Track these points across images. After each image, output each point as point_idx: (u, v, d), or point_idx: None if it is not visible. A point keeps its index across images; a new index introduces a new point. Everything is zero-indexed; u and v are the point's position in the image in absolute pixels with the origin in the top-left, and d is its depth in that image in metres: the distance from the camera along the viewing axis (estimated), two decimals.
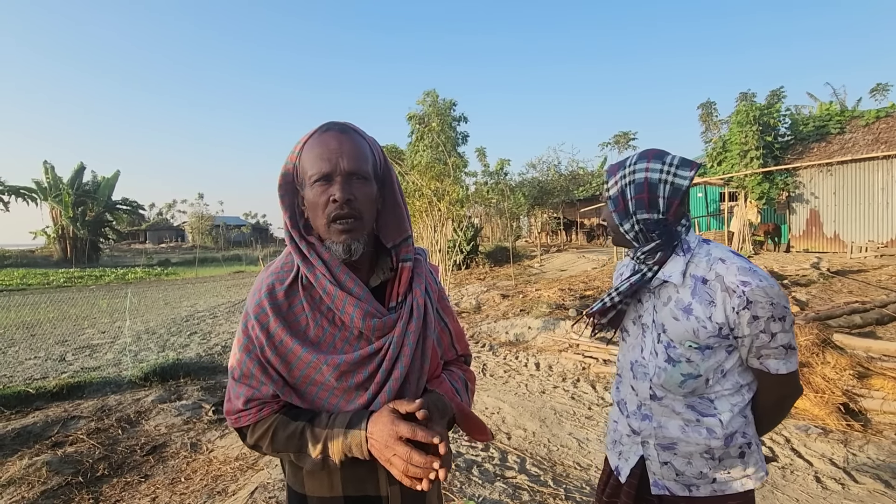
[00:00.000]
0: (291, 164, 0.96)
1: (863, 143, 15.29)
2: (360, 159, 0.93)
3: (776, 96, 17.98)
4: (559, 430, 3.80)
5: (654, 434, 1.23)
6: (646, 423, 1.24)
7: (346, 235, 0.92)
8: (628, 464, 1.29)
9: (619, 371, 1.38)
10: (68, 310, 10.36)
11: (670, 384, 1.19)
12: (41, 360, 6.59)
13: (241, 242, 54.79)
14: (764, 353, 1.12)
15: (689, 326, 1.15)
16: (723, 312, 1.11)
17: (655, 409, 1.23)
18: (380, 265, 1.03)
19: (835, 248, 15.17)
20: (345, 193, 0.90)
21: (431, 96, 22.23)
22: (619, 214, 1.24)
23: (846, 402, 3.66)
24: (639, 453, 1.26)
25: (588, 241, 25.89)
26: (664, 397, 1.22)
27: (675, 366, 1.18)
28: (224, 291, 14.79)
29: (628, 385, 1.30)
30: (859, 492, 2.75)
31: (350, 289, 0.94)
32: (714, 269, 1.15)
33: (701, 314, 1.13)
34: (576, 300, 8.43)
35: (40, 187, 31.00)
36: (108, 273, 22.47)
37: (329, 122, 0.96)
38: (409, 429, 0.84)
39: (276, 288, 0.96)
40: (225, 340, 7.70)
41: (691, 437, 1.18)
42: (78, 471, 3.35)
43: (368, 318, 0.92)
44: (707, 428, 1.18)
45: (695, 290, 1.15)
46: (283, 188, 0.96)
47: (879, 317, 5.97)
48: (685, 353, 1.16)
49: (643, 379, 1.25)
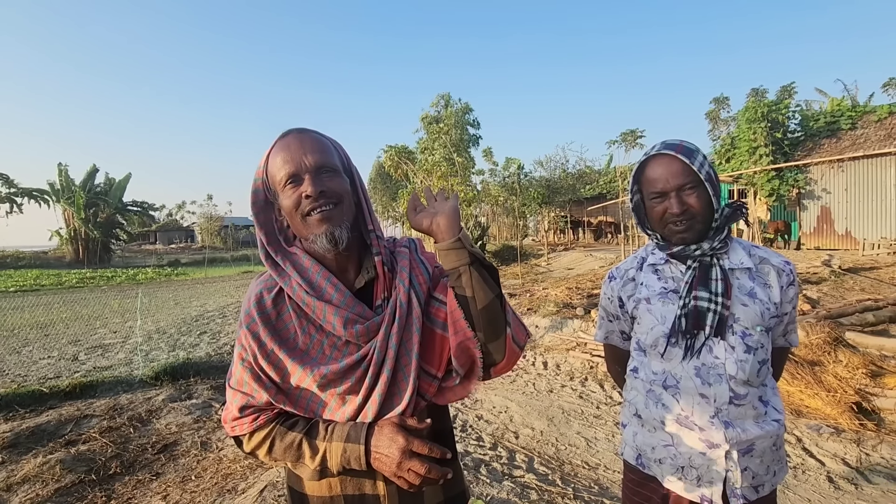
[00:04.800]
0: (260, 179, 0.96)
1: (875, 139, 15.06)
2: (324, 153, 0.94)
3: (787, 92, 17.80)
4: (567, 429, 3.79)
5: (737, 440, 1.12)
6: (730, 431, 1.12)
7: (327, 224, 0.91)
8: (715, 486, 1.13)
9: (663, 384, 1.21)
10: (80, 310, 10.50)
11: (752, 376, 1.14)
12: (54, 360, 6.68)
13: (249, 243, 55.05)
14: (790, 327, 1.24)
15: (757, 310, 1.16)
16: (778, 292, 1.17)
17: (734, 412, 1.13)
18: (365, 265, 1.01)
19: (846, 245, 14.98)
20: (316, 186, 0.90)
21: (445, 98, 22.34)
22: (716, 199, 1.16)
23: (859, 401, 3.61)
24: (723, 468, 1.12)
25: (595, 239, 25.76)
26: (746, 394, 1.14)
27: (755, 354, 1.15)
28: (233, 291, 14.89)
29: (692, 396, 1.15)
30: (873, 492, 2.71)
31: (330, 296, 0.93)
32: (756, 253, 1.21)
33: (763, 297, 1.17)
34: (583, 299, 8.39)
35: (53, 189, 31.45)
36: (120, 274, 22.72)
37: (286, 130, 0.96)
38: (423, 445, 0.85)
39: (264, 297, 0.96)
40: (234, 340, 7.75)
41: (766, 431, 1.15)
42: (91, 469, 3.39)
43: (350, 324, 0.91)
44: (773, 418, 1.17)
45: (752, 275, 1.18)
46: (256, 206, 0.96)
47: (893, 315, 5.88)
48: (760, 339, 1.16)
49: (719, 382, 1.13)
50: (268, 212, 0.97)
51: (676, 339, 1.17)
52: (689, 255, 1.17)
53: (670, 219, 1.15)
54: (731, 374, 1.13)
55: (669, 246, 1.21)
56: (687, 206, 1.13)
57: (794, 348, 1.19)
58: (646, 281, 1.27)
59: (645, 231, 1.27)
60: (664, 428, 1.20)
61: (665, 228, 1.18)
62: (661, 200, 1.16)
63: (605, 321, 1.42)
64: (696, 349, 1.15)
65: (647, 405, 1.24)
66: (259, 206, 0.96)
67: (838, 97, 19.20)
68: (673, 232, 1.17)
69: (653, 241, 1.27)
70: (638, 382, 1.28)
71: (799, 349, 4.28)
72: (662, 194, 1.15)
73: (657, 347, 1.21)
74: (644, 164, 1.19)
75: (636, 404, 1.28)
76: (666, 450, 1.20)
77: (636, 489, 1.28)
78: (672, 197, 1.13)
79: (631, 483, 1.30)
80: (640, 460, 1.26)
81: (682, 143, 1.17)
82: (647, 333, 1.24)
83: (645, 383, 1.26)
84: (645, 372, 1.26)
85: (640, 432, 1.26)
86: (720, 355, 1.14)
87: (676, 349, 1.18)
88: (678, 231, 1.16)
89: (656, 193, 1.16)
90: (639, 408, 1.27)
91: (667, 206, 1.15)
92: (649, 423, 1.24)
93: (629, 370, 1.33)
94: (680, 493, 1.17)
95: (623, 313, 1.33)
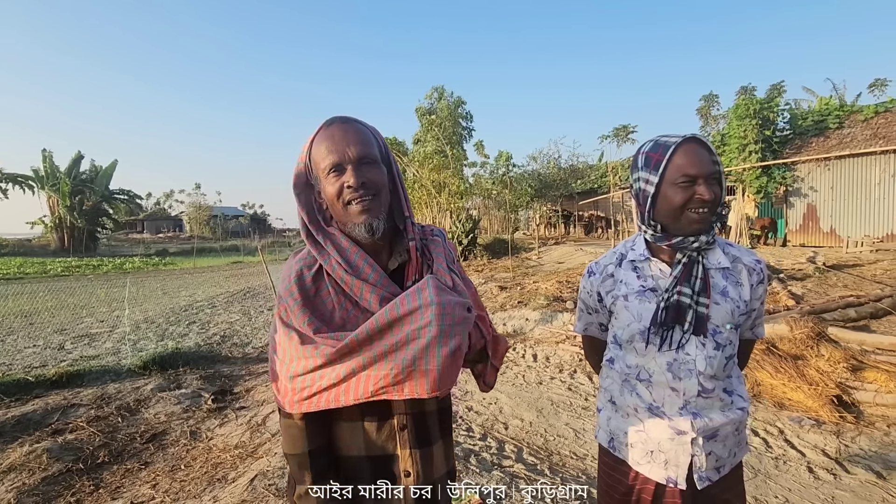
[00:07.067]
0: (303, 163, 1.02)
1: (861, 138, 15.29)
2: (366, 145, 0.98)
3: (777, 90, 17.94)
4: (556, 420, 3.84)
5: (703, 429, 1.19)
6: (697, 421, 1.19)
7: (366, 215, 0.96)
8: (681, 469, 1.20)
9: (637, 377, 1.25)
10: (66, 299, 10.36)
11: (719, 371, 1.19)
12: (40, 349, 6.60)
13: (239, 233, 54.58)
14: (758, 321, 1.30)
15: (728, 308, 1.19)
16: (748, 290, 1.22)
17: (702, 403, 1.19)
18: (397, 249, 1.07)
19: (831, 242, 15.24)
20: (358, 178, 0.95)
21: (439, 91, 22.29)
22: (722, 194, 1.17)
23: (839, 394, 3.70)
24: (688, 453, 1.19)
25: (586, 233, 25.90)
26: (713, 388, 1.19)
27: (723, 350, 1.20)
28: (222, 282, 14.78)
29: (664, 389, 1.21)
30: (851, 482, 2.79)
31: (367, 275, 0.98)
32: (730, 252, 1.25)
33: (735, 295, 1.21)
34: (573, 292, 8.46)
35: (38, 176, 30.81)
36: (106, 263, 22.41)
37: (331, 118, 1.03)
38: None
39: (304, 274, 1.02)
40: (223, 330, 7.72)
41: (730, 418, 1.22)
42: (78, 458, 3.37)
43: (385, 302, 0.96)
44: (739, 406, 1.24)
45: (725, 274, 1.22)
46: (298, 187, 1.02)
47: (874, 311, 6.02)
48: (729, 336, 1.20)
49: (689, 377, 1.18)
50: (308, 193, 1.03)
51: (656, 330, 1.20)
52: (687, 248, 1.17)
53: (696, 205, 1.13)
54: (701, 369, 1.18)
55: (668, 237, 1.19)
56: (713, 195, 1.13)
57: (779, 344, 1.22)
58: (625, 278, 1.29)
59: (647, 221, 1.23)
60: (637, 415, 1.26)
61: (683, 216, 1.16)
62: (689, 185, 1.13)
63: (584, 314, 1.44)
64: (676, 343, 1.18)
65: (623, 393, 1.29)
66: (300, 187, 1.02)
67: (826, 96, 19.45)
68: (690, 220, 1.15)
69: (646, 233, 1.25)
70: (614, 373, 1.32)
71: (783, 343, 4.37)
72: (694, 179, 1.12)
73: (633, 343, 1.25)
74: (675, 149, 1.15)
75: (611, 391, 1.33)
76: (637, 434, 1.26)
77: (609, 471, 1.33)
78: (702, 183, 1.12)
79: (604, 465, 1.36)
80: (612, 443, 1.32)
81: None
82: (623, 329, 1.26)
83: (620, 374, 1.30)
84: (620, 364, 1.30)
85: (614, 417, 1.32)
86: (691, 352, 1.19)
87: (651, 346, 1.22)
88: (697, 219, 1.14)
89: (688, 178, 1.12)
90: (614, 395, 1.32)
91: (695, 191, 1.12)
92: (623, 410, 1.29)
93: (605, 360, 1.37)
94: (647, 475, 1.23)
95: (602, 307, 1.35)
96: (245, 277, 15.53)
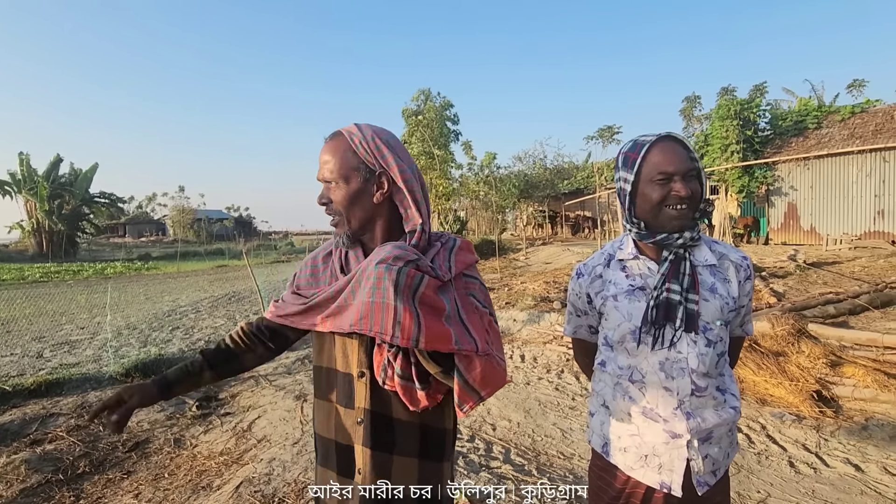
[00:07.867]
0: None
1: (839, 138, 15.66)
2: (326, 165, 1.07)
3: (759, 91, 18.27)
4: (543, 420, 3.85)
5: (697, 430, 1.17)
6: (691, 422, 1.17)
7: (335, 230, 1.12)
8: (676, 473, 1.17)
9: (630, 378, 1.24)
10: (45, 305, 10.10)
11: (711, 368, 1.19)
12: (17, 357, 6.43)
13: (223, 236, 53.80)
14: (746, 318, 1.30)
15: (718, 305, 1.19)
16: (736, 286, 1.23)
17: (695, 402, 1.18)
18: None
19: (811, 240, 15.58)
20: (320, 200, 1.10)
21: (425, 93, 22.30)
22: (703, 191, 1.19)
23: (819, 389, 3.78)
24: (684, 457, 1.17)
25: (573, 234, 26.11)
26: (706, 386, 1.19)
27: (714, 347, 1.19)
28: (207, 286, 14.57)
29: (657, 389, 1.20)
30: (830, 475, 2.86)
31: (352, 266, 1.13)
32: (716, 249, 1.26)
33: (723, 291, 1.21)
34: (560, 293, 8.51)
35: (15, 179, 30.03)
36: (87, 268, 21.94)
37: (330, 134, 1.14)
38: None
39: (319, 255, 1.25)
40: (208, 335, 7.60)
41: (723, 418, 1.20)
42: (58, 468, 3.29)
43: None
44: (731, 405, 1.23)
45: (713, 271, 1.23)
46: None
47: (852, 307, 6.17)
48: (719, 333, 1.20)
49: (682, 375, 1.18)
50: None
51: (648, 330, 1.19)
52: (672, 244, 1.18)
53: (672, 201, 1.14)
54: (693, 367, 1.17)
55: (652, 234, 1.20)
56: (690, 191, 1.14)
57: (761, 341, 1.24)
58: (613, 278, 1.29)
59: (630, 220, 1.24)
60: (630, 419, 1.24)
61: (661, 213, 1.17)
62: (665, 182, 1.15)
63: (573, 316, 1.43)
64: (668, 340, 1.18)
65: (615, 397, 1.28)
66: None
67: (805, 96, 19.86)
68: (670, 217, 1.16)
69: (631, 232, 1.26)
70: (605, 376, 1.31)
71: (765, 340, 4.44)
72: (670, 176, 1.14)
73: (624, 343, 1.24)
74: (649, 147, 1.17)
75: (604, 395, 1.31)
76: (632, 439, 1.24)
77: (600, 474, 1.32)
78: (678, 180, 1.14)
79: (596, 468, 1.34)
80: (606, 448, 1.29)
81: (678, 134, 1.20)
82: (614, 330, 1.26)
83: (612, 377, 1.28)
84: (612, 366, 1.29)
85: (608, 421, 1.30)
86: (683, 350, 1.18)
87: (643, 345, 1.21)
88: (676, 216, 1.15)
89: (664, 175, 1.14)
90: (606, 399, 1.30)
91: (671, 188, 1.14)
92: (616, 414, 1.27)
93: (597, 363, 1.35)
94: (640, 480, 1.22)
95: (591, 309, 1.34)
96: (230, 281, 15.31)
